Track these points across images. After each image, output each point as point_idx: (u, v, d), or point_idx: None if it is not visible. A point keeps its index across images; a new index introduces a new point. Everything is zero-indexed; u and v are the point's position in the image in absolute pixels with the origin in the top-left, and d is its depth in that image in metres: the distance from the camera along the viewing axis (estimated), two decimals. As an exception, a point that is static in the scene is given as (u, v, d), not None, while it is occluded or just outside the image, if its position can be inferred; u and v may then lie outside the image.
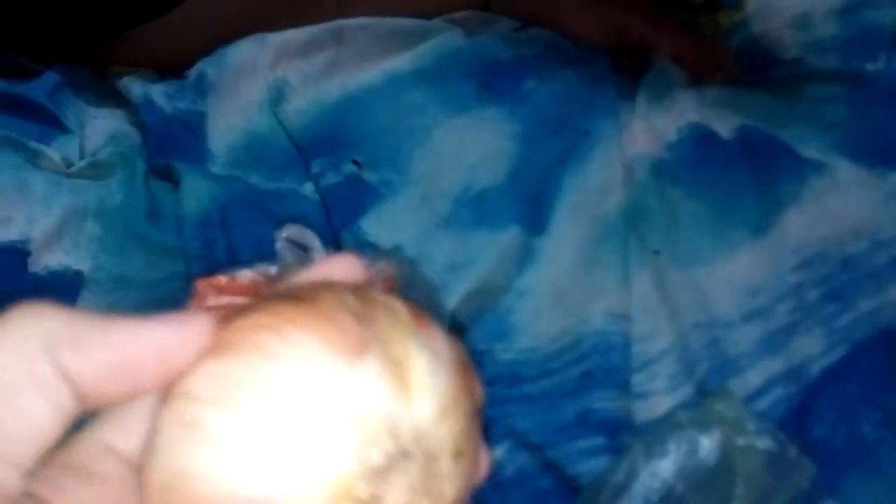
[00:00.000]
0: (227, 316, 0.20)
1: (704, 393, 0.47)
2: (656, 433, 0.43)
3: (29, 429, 0.18)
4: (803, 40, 0.57)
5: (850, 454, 0.44)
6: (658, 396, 0.48)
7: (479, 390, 0.22)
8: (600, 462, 0.46)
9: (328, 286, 0.21)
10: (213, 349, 0.20)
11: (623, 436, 0.46)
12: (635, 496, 0.41)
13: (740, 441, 0.42)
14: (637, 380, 0.48)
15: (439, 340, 0.21)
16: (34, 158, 0.53)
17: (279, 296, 0.21)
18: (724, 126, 0.54)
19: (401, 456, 0.19)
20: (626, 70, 0.58)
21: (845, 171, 0.51)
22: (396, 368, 0.19)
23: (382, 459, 0.19)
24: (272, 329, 0.20)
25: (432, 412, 0.19)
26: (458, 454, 0.20)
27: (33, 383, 0.18)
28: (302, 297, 0.20)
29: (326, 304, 0.20)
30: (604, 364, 0.48)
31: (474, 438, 0.21)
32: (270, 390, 0.19)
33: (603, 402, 0.47)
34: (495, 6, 0.62)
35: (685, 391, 0.48)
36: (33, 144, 0.53)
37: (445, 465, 0.20)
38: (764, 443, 0.41)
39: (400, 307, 0.21)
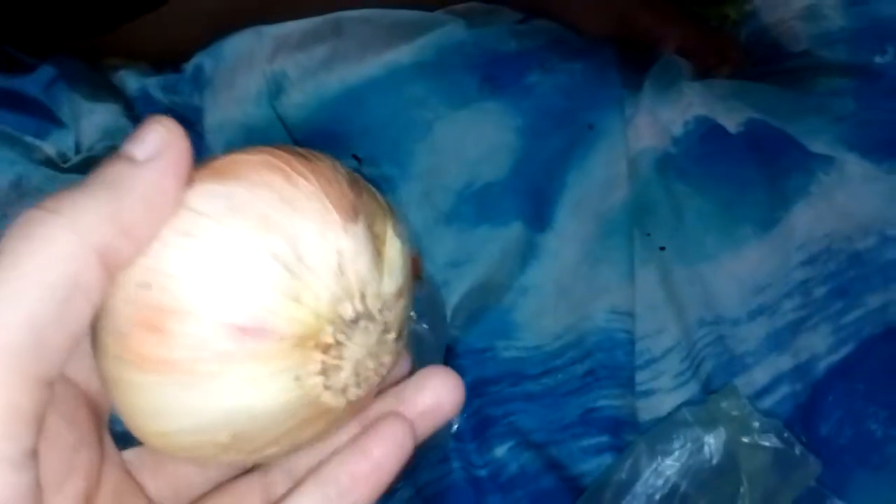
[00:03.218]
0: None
1: (710, 391, 0.48)
2: (660, 431, 0.44)
3: (76, 334, 0.19)
4: (812, 32, 0.58)
5: (857, 452, 0.45)
6: (663, 394, 0.49)
7: (423, 286, 0.24)
8: (604, 461, 0.46)
9: (321, 152, 0.23)
10: (220, 172, 0.21)
11: (627, 434, 0.47)
12: (639, 495, 0.42)
13: (745, 439, 0.42)
14: (641, 377, 0.49)
15: (404, 230, 0.23)
16: (29, 153, 0.53)
17: (283, 147, 0.22)
18: (732, 120, 0.54)
19: (367, 317, 0.21)
20: (632, 62, 0.58)
21: (853, 165, 0.51)
22: (376, 241, 0.22)
23: (352, 314, 0.21)
24: (281, 171, 0.21)
25: (395, 289, 0.22)
26: (400, 334, 0.23)
27: (81, 289, 0.19)
28: (304, 153, 0.22)
29: (326, 166, 0.22)
30: (608, 362, 0.49)
31: (407, 330, 0.23)
32: (269, 222, 0.20)
33: (607, 400, 0.48)
34: None
35: (691, 389, 0.48)
36: (28, 139, 0.54)
37: (391, 339, 0.22)
38: (769, 441, 0.42)
39: (377, 192, 0.23)
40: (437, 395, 0.24)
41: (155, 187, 0.20)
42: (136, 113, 0.58)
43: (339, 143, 0.55)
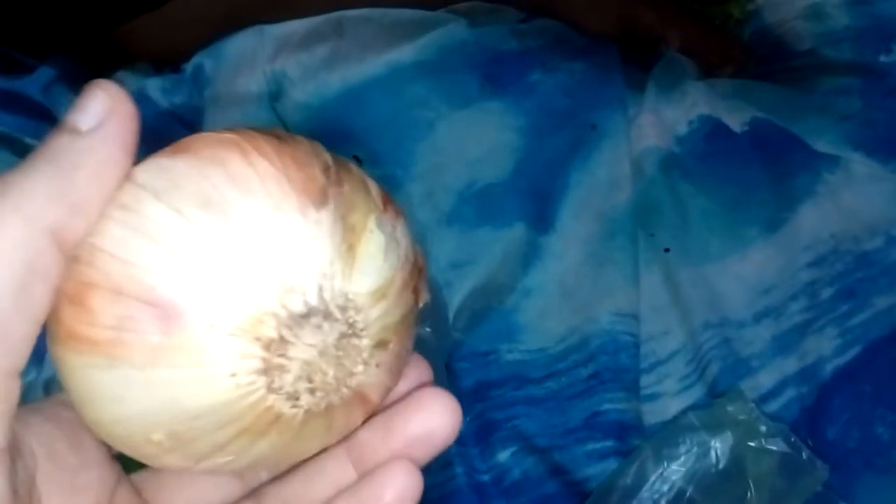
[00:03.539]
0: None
1: (716, 393, 0.47)
2: (666, 435, 0.44)
3: (39, 319, 0.19)
4: (816, 31, 0.57)
5: (864, 455, 0.45)
6: (668, 398, 0.48)
7: (425, 297, 0.22)
8: (609, 465, 0.46)
9: (308, 138, 0.21)
10: (176, 148, 0.20)
11: (632, 438, 0.47)
12: (644, 500, 0.42)
13: (752, 444, 0.42)
14: (646, 381, 0.49)
15: (400, 230, 0.21)
16: (28, 154, 0.53)
17: (262, 128, 0.21)
18: (736, 119, 0.54)
19: (322, 314, 0.19)
20: (635, 61, 0.58)
21: (859, 164, 0.51)
22: (348, 233, 0.19)
23: (302, 308, 0.19)
24: (239, 148, 0.19)
25: (369, 289, 0.20)
26: (381, 343, 0.20)
27: (38, 275, 0.18)
28: (280, 135, 0.20)
29: (302, 149, 0.20)
30: (612, 365, 0.48)
31: (404, 344, 0.21)
32: (213, 201, 0.19)
33: (611, 403, 0.48)
34: None
35: (696, 392, 0.48)
36: (27, 140, 0.53)
37: (365, 347, 0.20)
38: (776, 445, 0.42)
39: (373, 185, 0.21)
40: (430, 422, 0.21)
41: (102, 159, 0.19)
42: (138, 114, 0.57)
43: (341, 143, 0.55)
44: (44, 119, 0.54)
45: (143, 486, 0.23)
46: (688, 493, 0.42)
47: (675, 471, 0.42)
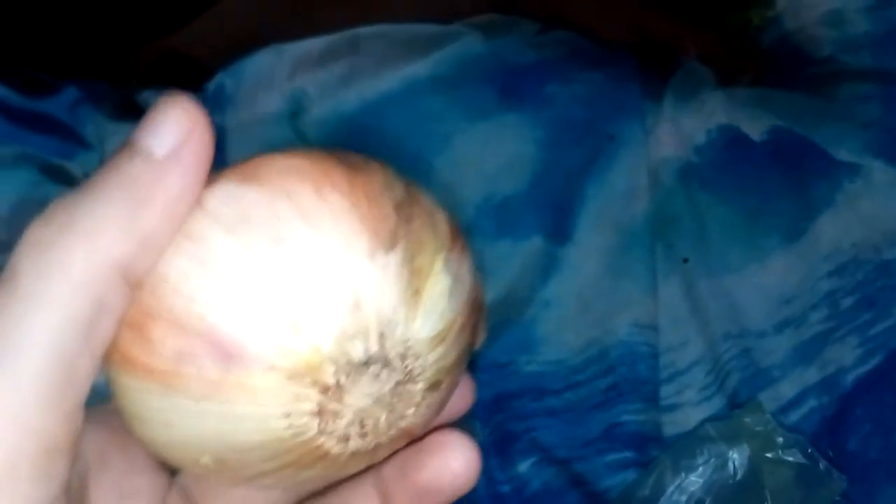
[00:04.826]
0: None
1: (736, 404, 0.48)
2: (684, 446, 0.44)
3: (103, 353, 0.18)
4: (835, 37, 0.57)
5: (886, 466, 0.45)
6: (688, 409, 0.49)
7: (482, 336, 0.22)
8: (628, 476, 0.46)
9: (381, 164, 0.20)
10: (246, 174, 0.19)
11: (652, 449, 0.47)
12: (662, 511, 0.42)
13: (769, 455, 0.42)
14: (666, 392, 0.49)
15: (466, 268, 0.20)
16: (55, 175, 0.55)
17: (328, 152, 0.20)
18: (755, 128, 0.54)
19: (381, 362, 0.19)
20: (653, 71, 0.58)
21: (880, 173, 0.51)
22: (414, 277, 0.19)
23: (362, 355, 0.18)
24: (311, 180, 0.19)
25: (430, 334, 0.19)
26: (434, 385, 0.20)
27: (106, 311, 0.18)
28: (352, 162, 0.20)
29: (374, 181, 0.19)
30: (631, 376, 0.49)
31: (453, 382, 0.21)
32: (282, 238, 0.18)
33: (630, 415, 0.48)
34: (519, 6, 0.63)
35: (716, 403, 0.48)
36: (54, 160, 0.55)
37: (418, 391, 0.20)
38: (793, 457, 0.42)
39: (442, 219, 0.20)
40: (447, 469, 0.21)
41: (177, 192, 0.18)
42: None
43: (359, 158, 0.56)
44: (69, 139, 0.56)
45: (191, 488, 0.23)
46: (705, 505, 0.42)
47: (693, 482, 0.42)
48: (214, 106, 0.59)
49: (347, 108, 0.56)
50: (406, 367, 0.19)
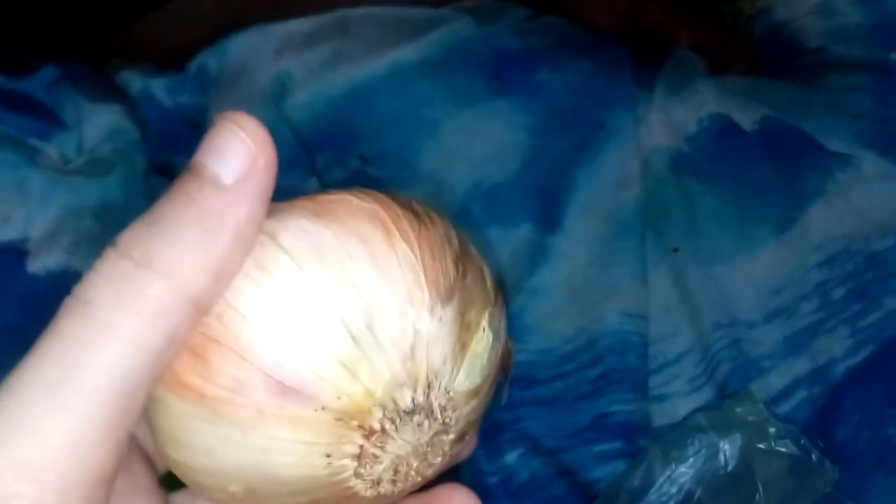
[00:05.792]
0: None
1: (726, 395, 0.48)
2: (675, 437, 0.44)
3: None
4: (826, 28, 0.58)
5: (875, 456, 0.45)
6: (677, 399, 0.48)
7: (506, 393, 0.22)
8: (617, 467, 0.46)
9: (440, 214, 0.21)
10: (319, 210, 0.20)
11: (641, 439, 0.47)
12: (652, 503, 0.42)
13: (761, 445, 0.42)
14: (655, 381, 0.49)
15: (503, 325, 0.21)
16: (32, 156, 0.53)
17: (397, 196, 0.21)
18: (746, 117, 0.54)
19: (427, 412, 0.19)
20: (644, 59, 0.58)
21: (870, 163, 0.51)
22: (463, 331, 0.20)
23: (409, 404, 0.19)
24: (383, 227, 0.20)
25: (469, 388, 0.20)
26: (460, 437, 0.20)
27: (175, 342, 0.18)
28: (419, 212, 0.21)
29: (437, 233, 0.20)
30: (620, 366, 0.49)
31: (475, 433, 0.22)
32: (349, 280, 0.19)
33: (619, 404, 0.48)
34: None
35: (706, 393, 0.48)
36: (32, 141, 0.54)
37: (448, 441, 0.20)
38: (785, 447, 0.42)
39: (488, 274, 0.22)
40: None
41: (246, 220, 0.18)
42: (140, 114, 0.58)
43: (346, 143, 0.55)
44: (47, 119, 0.55)
45: None
46: (696, 495, 0.42)
47: (684, 473, 0.42)
48: (196, 87, 0.58)
49: (334, 91, 0.55)
50: (445, 419, 0.20)
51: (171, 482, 0.22)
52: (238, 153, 0.18)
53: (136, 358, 0.17)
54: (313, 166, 0.55)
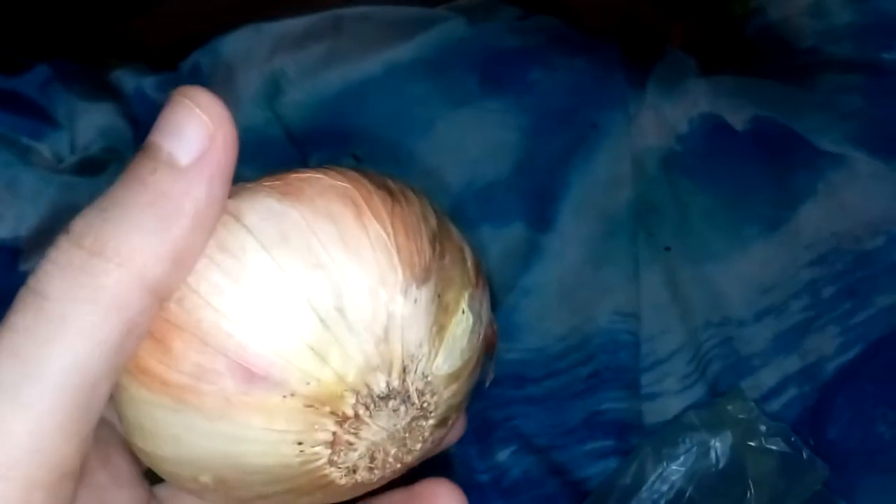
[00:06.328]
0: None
1: (717, 393, 0.48)
2: (666, 435, 0.44)
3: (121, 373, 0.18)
4: (818, 28, 0.58)
5: (865, 454, 0.45)
6: (669, 397, 0.49)
7: (491, 376, 0.22)
8: (609, 465, 0.46)
9: (418, 192, 0.20)
10: (287, 189, 0.19)
11: (632, 437, 0.47)
12: (644, 500, 0.42)
13: (752, 443, 0.42)
14: (647, 380, 0.49)
15: (485, 307, 0.20)
16: (24, 154, 0.53)
17: (371, 173, 0.20)
18: (738, 117, 0.55)
19: (402, 397, 0.19)
20: (636, 58, 0.58)
21: (861, 163, 0.52)
22: (441, 313, 0.19)
23: (384, 389, 0.18)
24: (353, 205, 0.18)
25: (448, 371, 0.19)
26: (442, 422, 0.20)
27: (134, 333, 0.17)
28: (391, 188, 0.19)
29: (412, 211, 0.19)
30: (612, 364, 0.49)
31: (458, 418, 0.21)
32: (317, 262, 0.18)
33: (611, 403, 0.48)
34: None
35: (697, 391, 0.49)
36: (24, 140, 0.54)
37: (428, 427, 0.19)
38: (776, 445, 0.42)
39: (469, 255, 0.20)
40: None
41: (205, 202, 0.17)
42: (133, 113, 0.58)
43: (339, 142, 0.55)
44: (39, 118, 0.55)
45: (166, 499, 0.23)
46: (687, 493, 0.42)
47: (675, 470, 0.42)
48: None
49: (328, 90, 0.56)
50: (423, 403, 0.19)
51: (155, 473, 0.22)
52: (194, 131, 0.17)
53: (95, 351, 0.17)
54: (306, 165, 0.55)
